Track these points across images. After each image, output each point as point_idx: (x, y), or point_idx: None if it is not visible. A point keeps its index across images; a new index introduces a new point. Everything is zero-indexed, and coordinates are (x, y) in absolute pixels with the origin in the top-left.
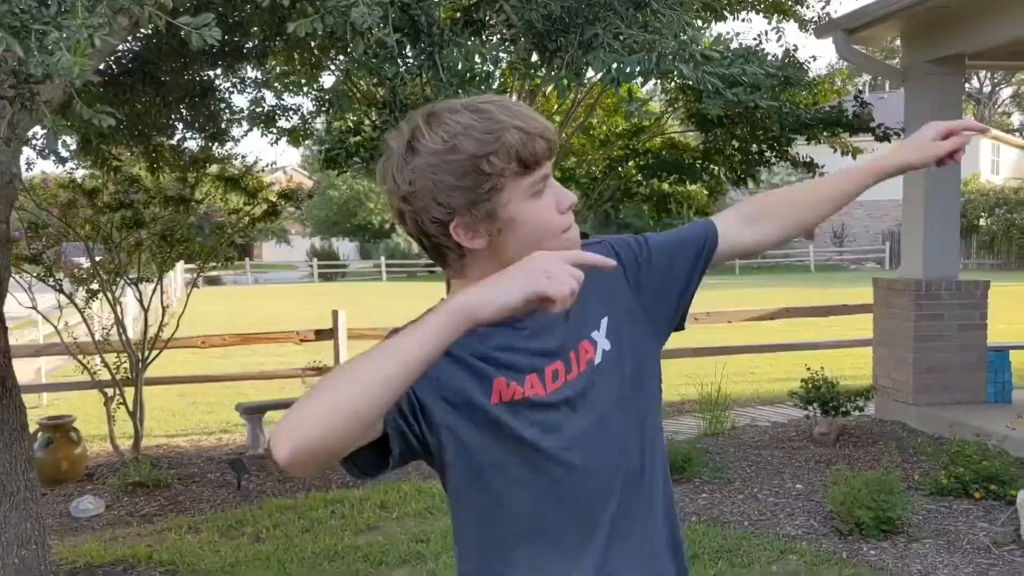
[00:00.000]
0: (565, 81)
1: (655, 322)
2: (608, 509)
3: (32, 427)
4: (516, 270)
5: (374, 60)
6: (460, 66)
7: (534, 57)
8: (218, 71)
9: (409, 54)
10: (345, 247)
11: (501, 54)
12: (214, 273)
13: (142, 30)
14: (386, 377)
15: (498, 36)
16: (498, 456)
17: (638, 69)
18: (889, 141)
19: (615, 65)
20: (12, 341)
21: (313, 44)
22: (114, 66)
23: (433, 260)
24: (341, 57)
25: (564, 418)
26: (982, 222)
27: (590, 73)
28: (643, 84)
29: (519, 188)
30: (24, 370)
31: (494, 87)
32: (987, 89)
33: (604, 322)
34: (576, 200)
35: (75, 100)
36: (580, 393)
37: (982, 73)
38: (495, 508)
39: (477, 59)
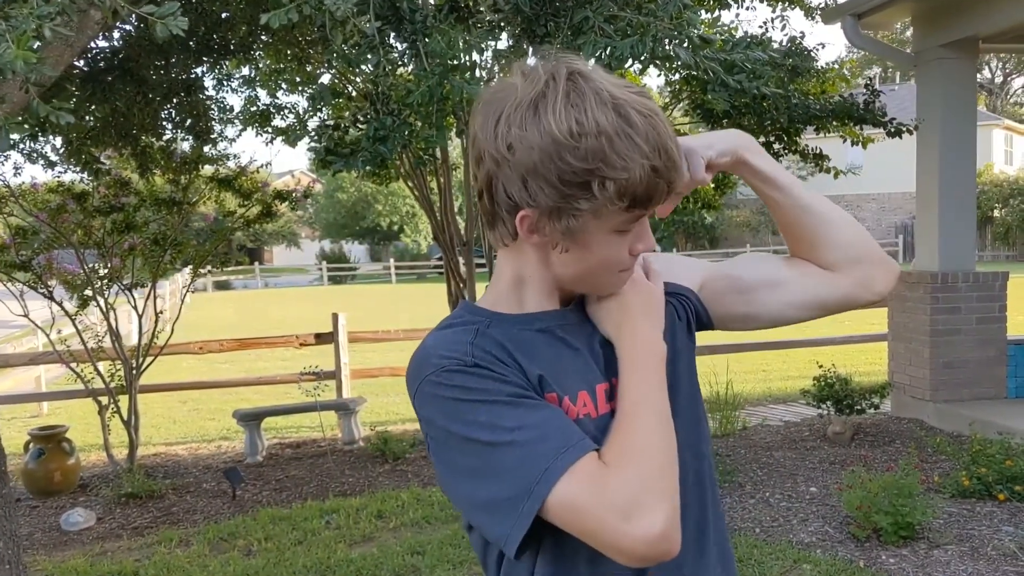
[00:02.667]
0: None
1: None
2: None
3: (24, 438)
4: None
5: (354, 50)
6: (443, 53)
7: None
8: (204, 68)
9: (392, 43)
10: (355, 250)
11: (489, 41)
12: (224, 278)
13: (125, 26)
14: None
15: (486, 22)
16: None
17: (631, 53)
18: (900, 137)
19: (607, 49)
20: (10, 349)
21: (300, 38)
22: (92, 63)
23: (482, 217)
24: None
25: None
26: (996, 213)
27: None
28: (642, 71)
29: (611, 220)
30: (24, 379)
31: (483, 79)
32: (999, 79)
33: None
34: (653, 248)
35: (32, 96)
36: None
37: (994, 63)
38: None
39: (461, 46)
